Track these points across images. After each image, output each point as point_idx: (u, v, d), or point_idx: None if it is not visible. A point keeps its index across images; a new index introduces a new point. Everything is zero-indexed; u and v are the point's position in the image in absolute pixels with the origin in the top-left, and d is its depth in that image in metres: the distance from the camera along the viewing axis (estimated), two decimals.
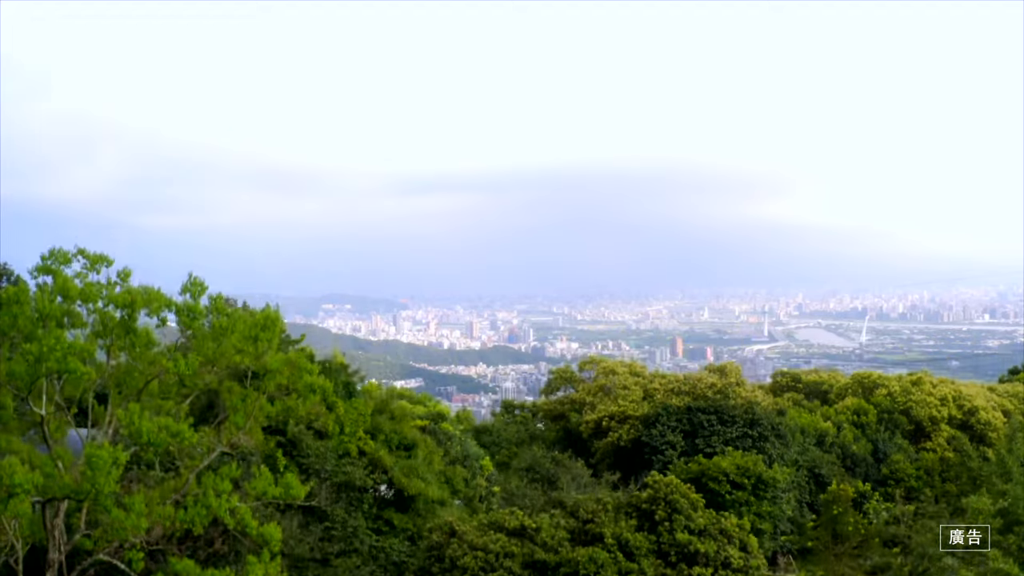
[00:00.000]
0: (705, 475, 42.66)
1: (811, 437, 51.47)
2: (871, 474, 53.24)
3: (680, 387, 47.16)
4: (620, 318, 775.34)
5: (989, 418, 57.64)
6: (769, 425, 46.57)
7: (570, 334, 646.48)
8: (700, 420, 46.06)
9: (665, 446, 45.51)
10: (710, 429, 45.75)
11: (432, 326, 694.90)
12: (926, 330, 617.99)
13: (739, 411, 46.41)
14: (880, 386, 56.71)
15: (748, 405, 46.62)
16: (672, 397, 47.14)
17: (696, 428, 46.04)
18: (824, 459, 50.11)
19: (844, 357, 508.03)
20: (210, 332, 24.10)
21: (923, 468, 53.28)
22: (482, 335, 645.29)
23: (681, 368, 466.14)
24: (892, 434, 55.20)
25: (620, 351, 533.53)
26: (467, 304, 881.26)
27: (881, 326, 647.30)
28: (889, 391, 56.08)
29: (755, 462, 43.18)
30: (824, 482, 48.92)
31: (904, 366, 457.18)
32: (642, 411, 46.51)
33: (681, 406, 46.60)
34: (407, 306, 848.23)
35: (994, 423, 58.42)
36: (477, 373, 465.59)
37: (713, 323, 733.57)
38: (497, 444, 58.48)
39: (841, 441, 53.02)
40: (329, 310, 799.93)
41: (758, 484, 42.30)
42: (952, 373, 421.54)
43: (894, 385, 56.11)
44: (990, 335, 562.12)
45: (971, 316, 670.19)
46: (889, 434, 54.94)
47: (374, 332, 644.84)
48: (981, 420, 57.52)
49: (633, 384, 46.87)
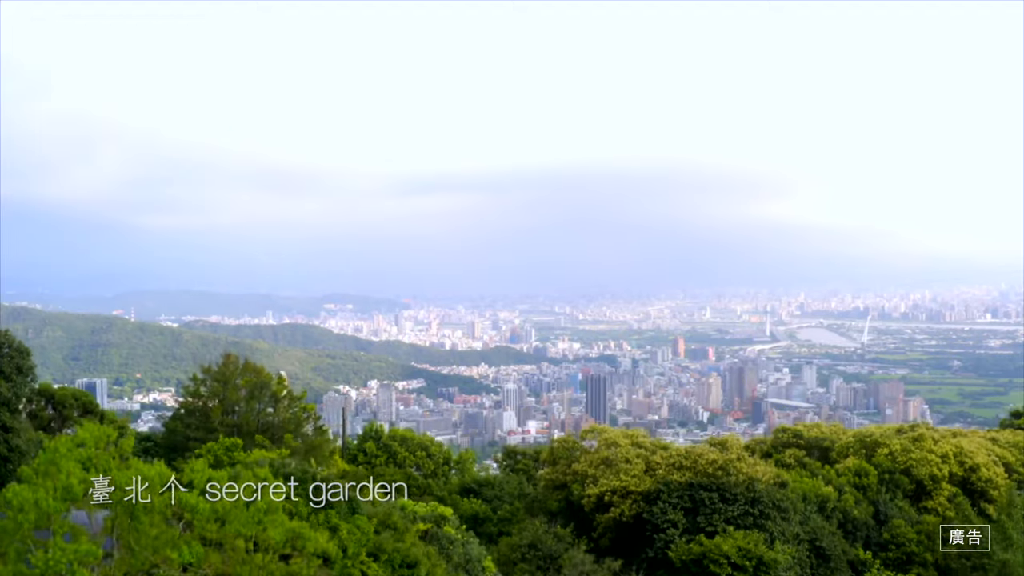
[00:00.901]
0: (707, 557, 42.90)
1: (812, 504, 51.72)
2: (872, 537, 53.46)
3: (682, 461, 47.41)
4: (622, 318, 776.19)
5: (991, 475, 58.02)
6: (770, 501, 46.78)
7: (572, 334, 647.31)
8: (702, 497, 46.25)
9: (667, 524, 45.74)
10: (711, 507, 45.93)
11: (434, 326, 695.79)
12: (928, 330, 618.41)
13: (740, 488, 46.60)
14: (882, 445, 57.03)
15: (749, 482, 46.81)
16: (674, 472, 47.36)
17: (698, 505, 46.25)
18: (825, 529, 50.33)
19: (846, 357, 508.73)
20: (212, 514, 24.00)
21: (924, 532, 53.51)
22: (484, 335, 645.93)
23: (683, 368, 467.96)
24: (893, 495, 55.47)
25: (622, 351, 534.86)
26: (469, 304, 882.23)
27: (883, 326, 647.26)
28: (890, 450, 56.46)
29: (756, 543, 43.36)
30: (826, 555, 49.12)
31: (906, 366, 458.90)
32: (644, 486, 46.75)
33: (683, 482, 46.80)
34: (409, 306, 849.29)
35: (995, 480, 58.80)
36: (479, 374, 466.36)
37: (715, 323, 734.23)
38: (499, 498, 58.74)
39: (842, 506, 53.30)
40: (331, 310, 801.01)
41: (759, 566, 42.56)
42: (954, 373, 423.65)
43: (895, 444, 56.49)
44: (992, 335, 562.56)
45: (973, 316, 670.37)
46: (890, 495, 55.22)
47: (376, 332, 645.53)
48: (982, 477, 57.95)
49: (635, 456, 47.13)
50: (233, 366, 41.70)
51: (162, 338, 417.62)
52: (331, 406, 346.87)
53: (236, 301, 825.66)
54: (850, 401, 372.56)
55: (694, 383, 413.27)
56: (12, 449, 33.43)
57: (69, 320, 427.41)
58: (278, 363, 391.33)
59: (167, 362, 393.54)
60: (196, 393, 40.23)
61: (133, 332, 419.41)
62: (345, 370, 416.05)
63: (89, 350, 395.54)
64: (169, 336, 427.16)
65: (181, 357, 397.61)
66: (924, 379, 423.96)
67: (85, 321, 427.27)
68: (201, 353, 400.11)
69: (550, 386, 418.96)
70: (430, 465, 52.76)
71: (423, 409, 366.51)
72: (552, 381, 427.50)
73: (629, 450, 46.85)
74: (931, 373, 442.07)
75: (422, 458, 54.46)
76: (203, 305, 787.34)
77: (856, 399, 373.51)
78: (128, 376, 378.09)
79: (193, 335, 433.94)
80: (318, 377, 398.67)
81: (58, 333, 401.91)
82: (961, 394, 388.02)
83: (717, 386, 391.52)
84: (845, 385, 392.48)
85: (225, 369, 41.32)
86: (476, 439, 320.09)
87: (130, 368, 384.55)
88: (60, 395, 51.40)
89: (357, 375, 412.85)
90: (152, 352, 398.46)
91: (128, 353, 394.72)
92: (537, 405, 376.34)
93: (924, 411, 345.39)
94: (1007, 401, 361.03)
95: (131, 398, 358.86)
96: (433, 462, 54.72)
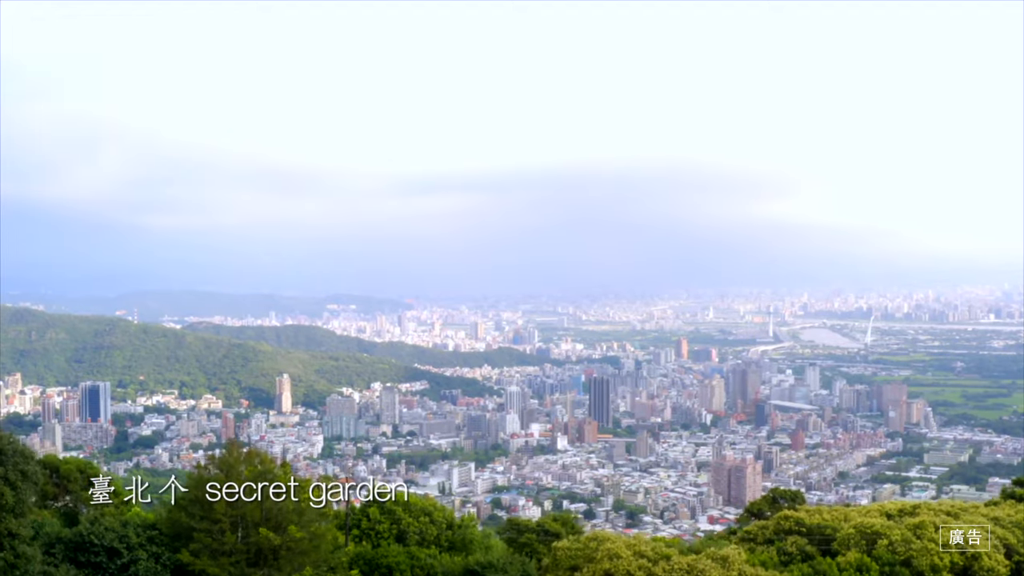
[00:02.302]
0: None
1: None
2: None
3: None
4: (625, 318, 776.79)
5: (992, 563, 57.99)
6: None
7: (575, 335, 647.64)
8: None
9: None
10: None
11: (437, 327, 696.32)
12: (931, 330, 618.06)
13: None
14: (882, 535, 57.18)
15: None
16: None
17: None
18: None
19: (849, 358, 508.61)
20: None
21: None
22: (487, 336, 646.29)
23: (686, 369, 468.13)
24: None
25: (625, 352, 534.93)
26: (472, 304, 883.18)
27: (886, 326, 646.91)
28: (891, 541, 56.57)
29: None
30: None
31: (909, 367, 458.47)
32: None
33: None
34: (412, 306, 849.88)
35: (997, 568, 58.74)
36: (482, 375, 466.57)
37: (718, 323, 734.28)
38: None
39: None
40: (334, 310, 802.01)
41: None
42: (957, 374, 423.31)
43: (895, 533, 56.52)
44: (995, 335, 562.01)
45: (976, 316, 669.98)
46: None
47: (379, 333, 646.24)
48: (984, 567, 57.92)
49: (637, 568, 47.02)
50: (237, 454, 42.04)
51: (165, 340, 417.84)
52: (335, 409, 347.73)
53: (239, 301, 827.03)
54: (853, 403, 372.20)
55: (697, 385, 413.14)
56: (18, 556, 33.94)
57: (72, 322, 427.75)
58: (281, 365, 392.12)
59: (170, 364, 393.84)
60: (200, 481, 40.55)
61: (136, 334, 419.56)
62: (348, 372, 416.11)
63: (92, 352, 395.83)
64: (172, 338, 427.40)
65: (184, 359, 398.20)
66: (927, 380, 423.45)
67: (88, 323, 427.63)
68: (204, 355, 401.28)
69: (553, 388, 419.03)
70: (433, 531, 53.06)
71: (426, 412, 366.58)
72: (555, 383, 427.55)
73: (631, 561, 46.66)
74: (934, 374, 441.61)
75: (425, 524, 54.63)
76: (206, 305, 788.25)
77: (859, 401, 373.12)
78: (131, 378, 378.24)
79: (196, 337, 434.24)
80: (321, 379, 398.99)
81: (61, 335, 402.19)
82: (964, 396, 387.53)
83: (720, 388, 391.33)
84: (848, 387, 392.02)
85: (229, 457, 41.63)
86: (479, 442, 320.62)
87: (133, 370, 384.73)
88: (65, 469, 51.88)
89: (360, 377, 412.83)
90: (155, 354, 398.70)
91: (131, 355, 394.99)
92: (540, 407, 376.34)
93: (927, 414, 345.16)
94: (1010, 403, 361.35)
95: (134, 400, 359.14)
96: (436, 527, 54.98)
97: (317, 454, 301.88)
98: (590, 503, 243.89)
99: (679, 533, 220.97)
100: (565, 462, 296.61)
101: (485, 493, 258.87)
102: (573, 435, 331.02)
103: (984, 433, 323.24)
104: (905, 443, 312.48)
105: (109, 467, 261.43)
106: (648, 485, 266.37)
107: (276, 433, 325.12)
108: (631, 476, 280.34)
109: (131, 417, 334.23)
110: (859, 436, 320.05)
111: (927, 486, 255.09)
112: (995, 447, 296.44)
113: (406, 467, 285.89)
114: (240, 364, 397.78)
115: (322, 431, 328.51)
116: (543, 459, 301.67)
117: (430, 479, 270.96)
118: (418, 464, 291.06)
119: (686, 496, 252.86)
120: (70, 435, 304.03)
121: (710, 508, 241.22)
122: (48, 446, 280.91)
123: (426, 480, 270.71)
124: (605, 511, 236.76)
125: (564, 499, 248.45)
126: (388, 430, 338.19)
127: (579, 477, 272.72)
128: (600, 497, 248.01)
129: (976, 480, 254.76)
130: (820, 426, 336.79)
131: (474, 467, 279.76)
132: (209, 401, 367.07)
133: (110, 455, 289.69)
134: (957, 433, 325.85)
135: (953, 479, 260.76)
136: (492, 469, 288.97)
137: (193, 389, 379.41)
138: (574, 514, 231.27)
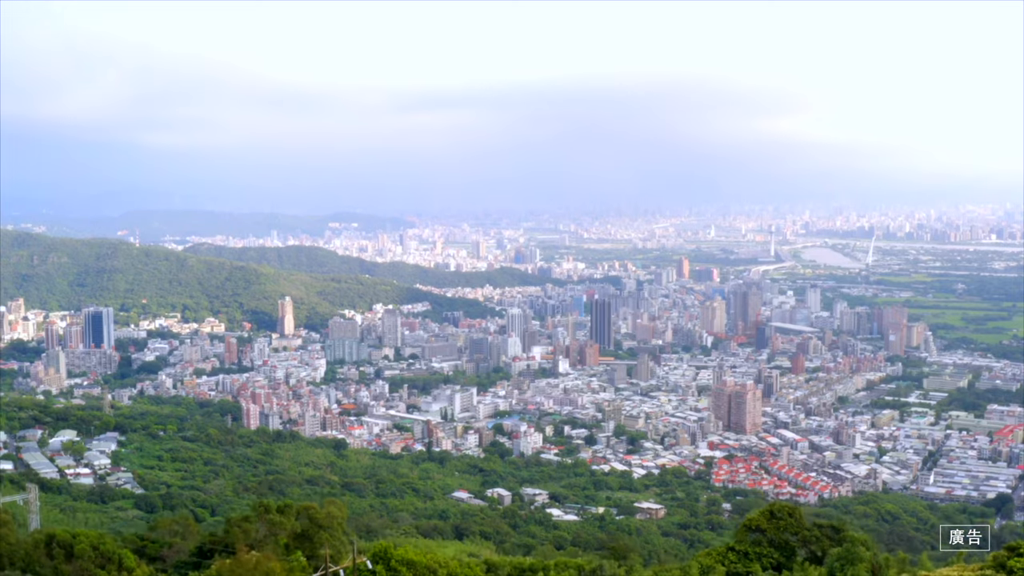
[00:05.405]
0: None
1: None
2: None
3: None
4: (627, 236, 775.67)
5: None
6: None
7: (576, 253, 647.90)
8: None
9: None
10: None
11: (438, 245, 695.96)
12: (933, 250, 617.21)
13: None
14: None
15: None
16: None
17: None
18: None
19: (850, 279, 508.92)
20: None
21: None
22: (488, 255, 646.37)
23: (688, 290, 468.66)
24: None
25: (627, 272, 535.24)
26: (474, 222, 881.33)
27: (888, 246, 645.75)
28: None
29: None
30: None
31: (910, 288, 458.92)
32: None
33: None
34: (414, 224, 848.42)
35: None
36: (484, 296, 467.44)
37: (719, 242, 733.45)
38: None
39: None
40: (336, 229, 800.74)
41: None
42: (958, 296, 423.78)
43: None
44: (997, 256, 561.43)
45: (978, 236, 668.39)
46: None
47: (380, 252, 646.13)
48: None
49: None
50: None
51: (167, 263, 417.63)
52: (337, 331, 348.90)
53: (241, 220, 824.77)
54: (853, 326, 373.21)
55: (698, 306, 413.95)
56: None
57: (74, 246, 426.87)
58: (283, 287, 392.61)
59: (172, 287, 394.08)
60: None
61: (138, 257, 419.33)
62: (350, 294, 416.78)
63: (94, 276, 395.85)
64: (174, 260, 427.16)
65: (186, 282, 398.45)
66: (928, 303, 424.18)
67: (90, 247, 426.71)
68: (206, 278, 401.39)
69: (555, 309, 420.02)
70: None
71: (428, 334, 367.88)
72: (557, 304, 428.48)
73: None
74: (935, 296, 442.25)
75: None
76: (208, 225, 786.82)
77: (860, 324, 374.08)
78: (134, 302, 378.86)
79: (198, 260, 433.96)
80: (324, 301, 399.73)
81: (63, 259, 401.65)
82: (965, 319, 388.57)
83: (721, 310, 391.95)
84: (849, 309, 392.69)
85: (237, 566, 42.15)
86: (481, 365, 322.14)
87: (135, 294, 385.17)
88: (79, 549, 50.30)
89: (362, 299, 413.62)
90: (157, 277, 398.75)
91: (133, 279, 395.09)
92: (542, 329, 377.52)
93: (928, 338, 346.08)
94: (1010, 327, 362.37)
95: (137, 325, 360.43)
96: None
97: (320, 379, 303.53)
98: (591, 428, 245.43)
99: (679, 459, 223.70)
100: (567, 386, 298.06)
101: (487, 418, 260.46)
102: (575, 358, 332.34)
103: (984, 358, 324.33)
104: (905, 367, 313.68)
105: (114, 394, 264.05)
106: (649, 410, 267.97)
107: (279, 357, 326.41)
108: (632, 400, 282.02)
109: (134, 342, 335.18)
110: (859, 360, 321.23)
111: (926, 412, 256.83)
112: (994, 372, 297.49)
113: (408, 391, 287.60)
114: (242, 286, 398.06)
115: (324, 355, 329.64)
116: (545, 383, 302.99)
117: (432, 404, 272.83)
118: (420, 388, 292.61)
119: (686, 421, 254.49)
120: (74, 362, 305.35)
121: (710, 434, 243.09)
122: (52, 374, 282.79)
123: (428, 405, 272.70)
124: (606, 437, 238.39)
125: (565, 424, 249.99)
126: (390, 353, 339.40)
127: (580, 402, 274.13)
128: (601, 423, 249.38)
129: (975, 407, 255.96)
130: (820, 349, 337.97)
131: (476, 391, 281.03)
132: (212, 324, 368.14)
133: (114, 382, 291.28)
134: (957, 357, 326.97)
135: (952, 405, 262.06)
136: (494, 393, 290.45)
137: (196, 312, 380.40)
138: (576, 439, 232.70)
